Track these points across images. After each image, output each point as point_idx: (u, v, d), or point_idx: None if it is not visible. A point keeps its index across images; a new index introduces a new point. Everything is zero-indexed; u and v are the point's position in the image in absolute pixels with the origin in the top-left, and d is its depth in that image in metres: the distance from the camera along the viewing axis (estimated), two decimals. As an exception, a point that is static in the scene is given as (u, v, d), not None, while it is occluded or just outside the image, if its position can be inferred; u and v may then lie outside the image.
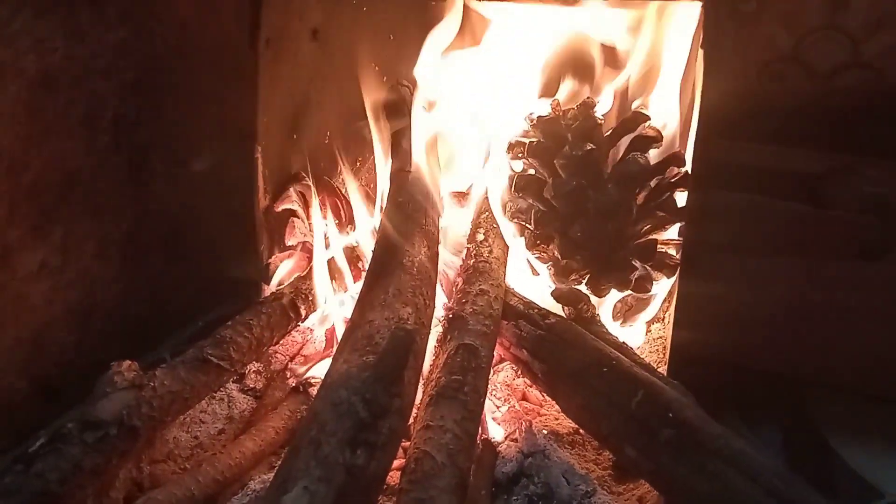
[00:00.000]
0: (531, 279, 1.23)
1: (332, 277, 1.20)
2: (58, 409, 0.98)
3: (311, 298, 1.16)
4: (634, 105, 1.20)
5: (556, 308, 1.13)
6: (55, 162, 1.01)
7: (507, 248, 1.21)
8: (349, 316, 1.00)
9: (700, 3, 1.01)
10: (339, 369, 0.84)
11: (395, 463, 0.84)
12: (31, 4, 0.94)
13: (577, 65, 1.22)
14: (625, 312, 1.27)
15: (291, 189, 1.23)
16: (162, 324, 1.17)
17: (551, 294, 1.14)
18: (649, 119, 1.14)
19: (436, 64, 1.30)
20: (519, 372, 1.15)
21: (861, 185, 0.97)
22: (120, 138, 1.10)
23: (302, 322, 1.17)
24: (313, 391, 1.07)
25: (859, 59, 0.95)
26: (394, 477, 0.89)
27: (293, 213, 1.22)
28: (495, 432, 1.06)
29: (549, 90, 1.24)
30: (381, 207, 1.23)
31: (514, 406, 1.12)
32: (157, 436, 0.94)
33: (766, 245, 1.01)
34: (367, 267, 1.08)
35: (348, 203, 1.29)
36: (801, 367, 1.05)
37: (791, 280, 1.01)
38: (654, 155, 1.15)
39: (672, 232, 1.17)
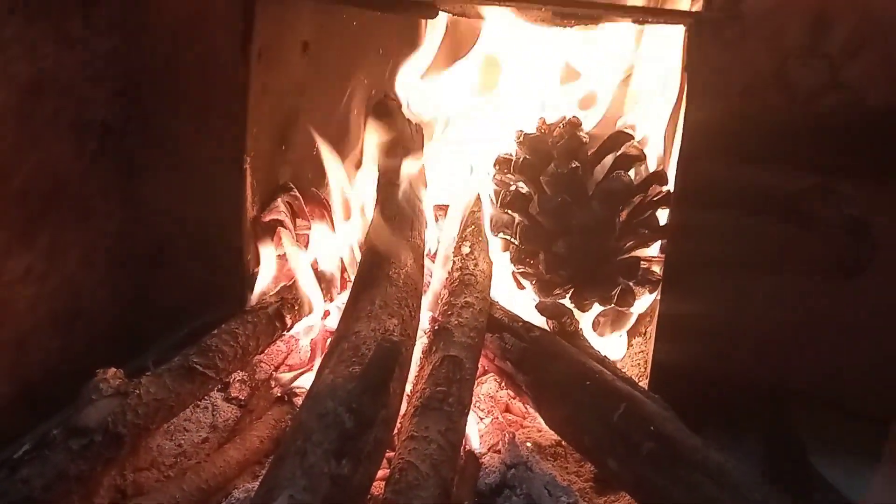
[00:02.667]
0: (516, 293, 1.24)
1: (318, 287, 1.21)
2: (41, 415, 0.97)
3: (296, 308, 1.17)
4: (619, 124, 1.22)
5: (541, 321, 1.14)
6: (43, 168, 1.01)
7: (492, 261, 1.22)
8: (335, 326, 1.01)
9: (684, 27, 1.03)
10: (325, 380, 0.85)
11: (379, 473, 0.84)
12: (22, 11, 0.94)
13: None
14: (606, 325, 1.29)
15: (279, 200, 1.24)
16: (146, 331, 1.16)
17: (535, 307, 1.16)
18: (633, 138, 1.17)
19: (421, 79, 1.32)
20: (502, 384, 1.16)
21: (840, 205, 0.99)
22: (108, 145, 1.10)
23: (287, 331, 1.18)
24: (298, 401, 1.07)
25: (839, 82, 0.97)
26: (377, 487, 0.90)
27: (280, 223, 1.23)
28: (477, 444, 1.06)
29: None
30: (369, 219, 1.24)
31: (498, 418, 1.13)
32: (141, 443, 0.94)
33: (746, 262, 1.03)
34: (353, 278, 1.09)
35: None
36: (780, 381, 1.07)
37: (771, 296, 1.03)
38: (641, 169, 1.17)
39: (654, 249, 1.19)
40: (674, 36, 1.12)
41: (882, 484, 1.00)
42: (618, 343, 1.27)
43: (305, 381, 1.10)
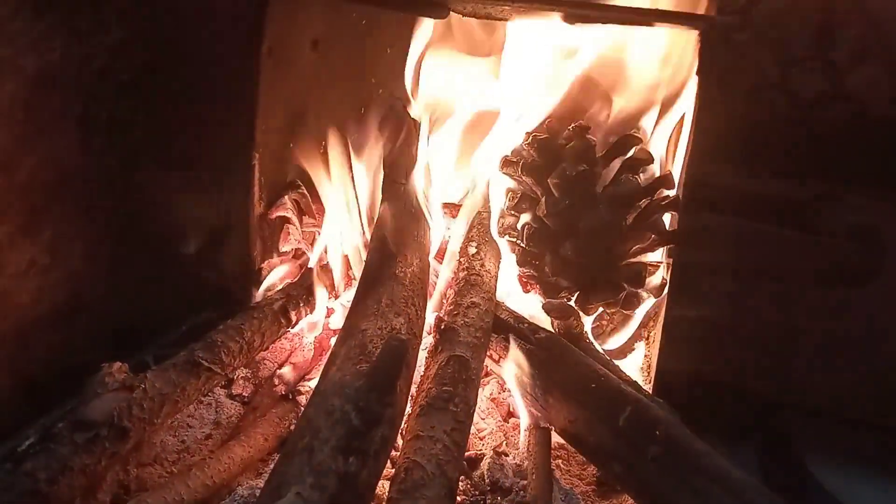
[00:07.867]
0: (522, 294, 1.24)
1: (324, 285, 1.20)
2: (41, 409, 0.97)
3: (302, 305, 1.16)
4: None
5: (546, 323, 1.14)
6: (49, 161, 1.00)
7: (499, 261, 1.22)
8: (340, 324, 1.00)
9: (697, 31, 1.03)
10: (332, 377, 0.85)
11: (384, 473, 0.84)
12: (31, 4, 0.93)
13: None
14: (609, 332, 1.29)
15: (286, 197, 1.23)
16: (148, 326, 1.16)
17: (542, 307, 1.15)
18: (641, 141, 1.17)
19: (429, 78, 1.32)
20: (505, 386, 1.16)
21: (845, 213, 0.99)
22: (114, 139, 1.09)
23: (292, 329, 1.17)
24: (302, 399, 1.07)
25: (843, 90, 0.97)
26: (382, 487, 0.90)
27: (287, 220, 1.22)
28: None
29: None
30: (374, 218, 1.23)
31: (500, 420, 1.12)
32: (145, 438, 0.93)
33: (751, 269, 1.03)
34: (359, 276, 1.08)
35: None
36: (781, 389, 1.07)
37: (775, 304, 1.03)
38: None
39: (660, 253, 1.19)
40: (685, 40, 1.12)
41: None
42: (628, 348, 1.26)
43: (310, 381, 1.10)
